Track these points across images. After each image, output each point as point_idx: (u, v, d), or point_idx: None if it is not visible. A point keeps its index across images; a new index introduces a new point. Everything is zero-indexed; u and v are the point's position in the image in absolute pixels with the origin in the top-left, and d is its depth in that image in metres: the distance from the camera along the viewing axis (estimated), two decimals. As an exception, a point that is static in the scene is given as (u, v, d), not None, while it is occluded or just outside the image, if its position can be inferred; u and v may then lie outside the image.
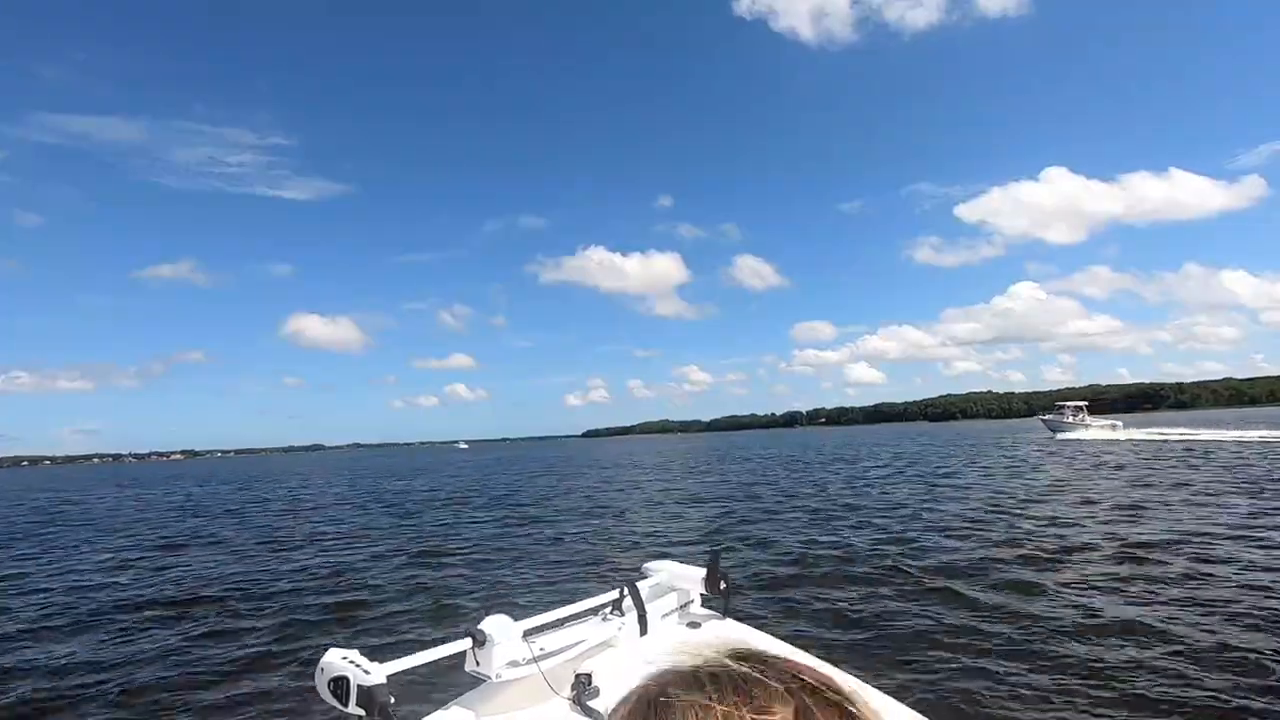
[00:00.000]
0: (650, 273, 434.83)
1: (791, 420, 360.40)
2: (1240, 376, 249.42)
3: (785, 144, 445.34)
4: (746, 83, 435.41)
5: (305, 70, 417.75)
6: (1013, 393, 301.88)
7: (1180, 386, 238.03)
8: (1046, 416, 45.97)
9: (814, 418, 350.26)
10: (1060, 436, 39.70)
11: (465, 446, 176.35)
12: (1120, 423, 41.00)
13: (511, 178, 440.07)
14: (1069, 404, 43.23)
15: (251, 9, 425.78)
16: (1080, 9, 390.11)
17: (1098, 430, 38.92)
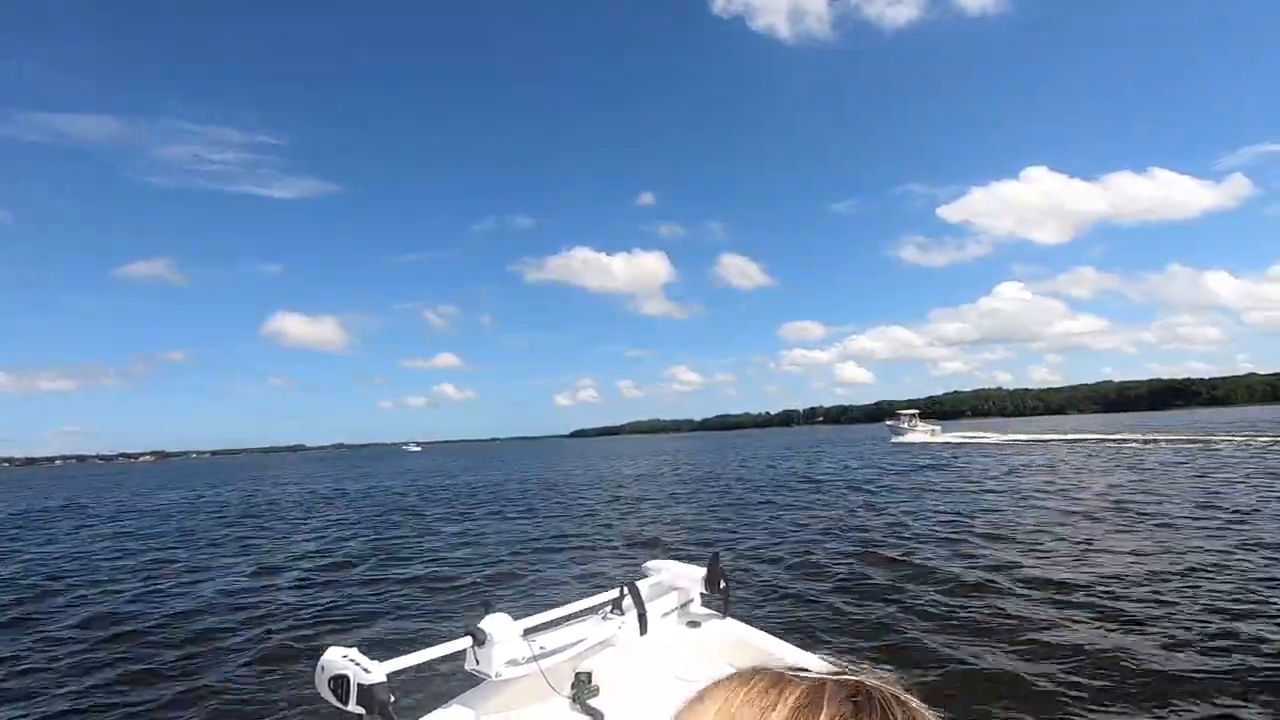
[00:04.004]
0: (636, 272, 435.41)
1: (788, 419, 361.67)
2: (1223, 375, 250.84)
3: (767, 142, 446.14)
4: (724, 81, 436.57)
5: (292, 68, 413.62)
6: (1026, 389, 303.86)
7: (1212, 383, 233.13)
8: (889, 422, 55.73)
9: (811, 416, 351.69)
10: (894, 440, 47.60)
11: (417, 449, 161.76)
12: (939, 427, 51.92)
13: (496, 177, 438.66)
14: (905, 412, 54.04)
15: (237, 6, 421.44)
16: (1061, 7, 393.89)
17: (921, 434, 47.61)
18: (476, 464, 49.22)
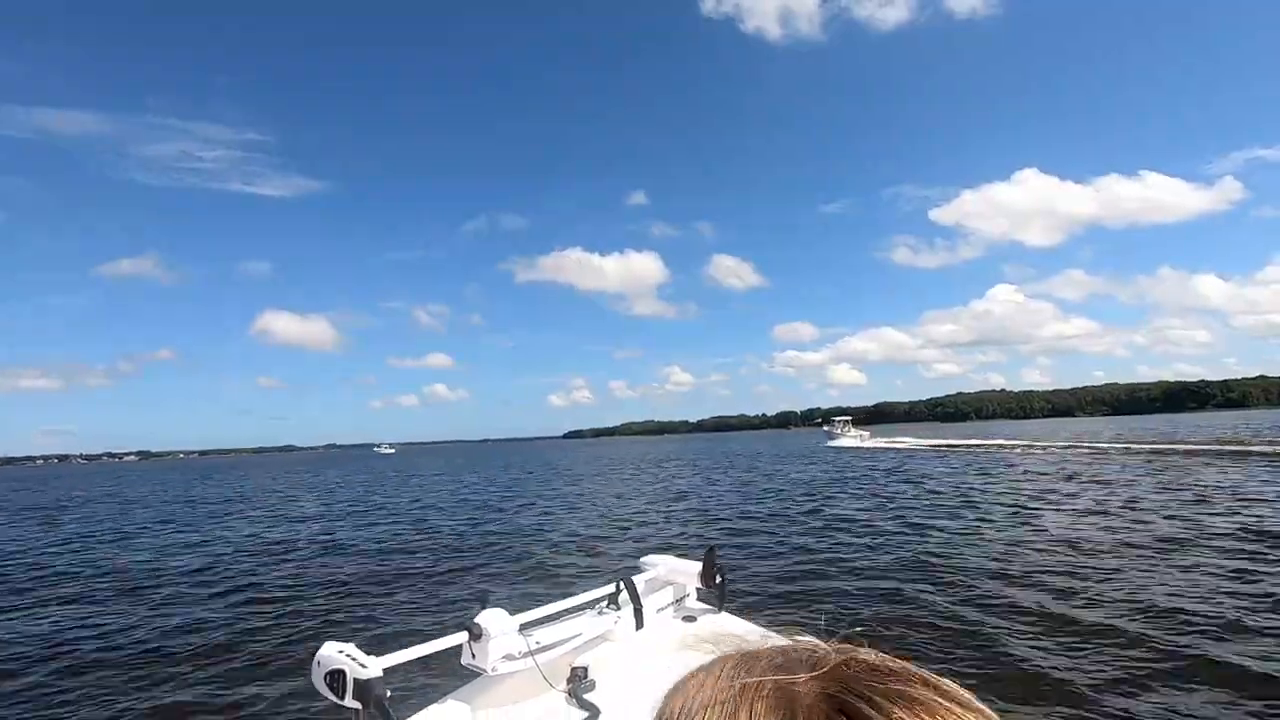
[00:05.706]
0: (628, 272, 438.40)
1: (785, 421, 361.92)
2: (1238, 378, 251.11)
3: (759, 143, 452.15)
4: (715, 82, 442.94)
5: (282, 66, 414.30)
6: (1032, 391, 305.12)
7: (1228, 384, 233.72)
8: (826, 427, 61.42)
9: (809, 418, 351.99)
10: (828, 443, 51.34)
11: (390, 450, 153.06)
12: (869, 433, 57.89)
13: (487, 176, 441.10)
14: (839, 418, 60.05)
15: (228, 5, 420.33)
16: (1050, 10, 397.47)
17: (852, 439, 52.09)
18: (388, 479, 36.19)
